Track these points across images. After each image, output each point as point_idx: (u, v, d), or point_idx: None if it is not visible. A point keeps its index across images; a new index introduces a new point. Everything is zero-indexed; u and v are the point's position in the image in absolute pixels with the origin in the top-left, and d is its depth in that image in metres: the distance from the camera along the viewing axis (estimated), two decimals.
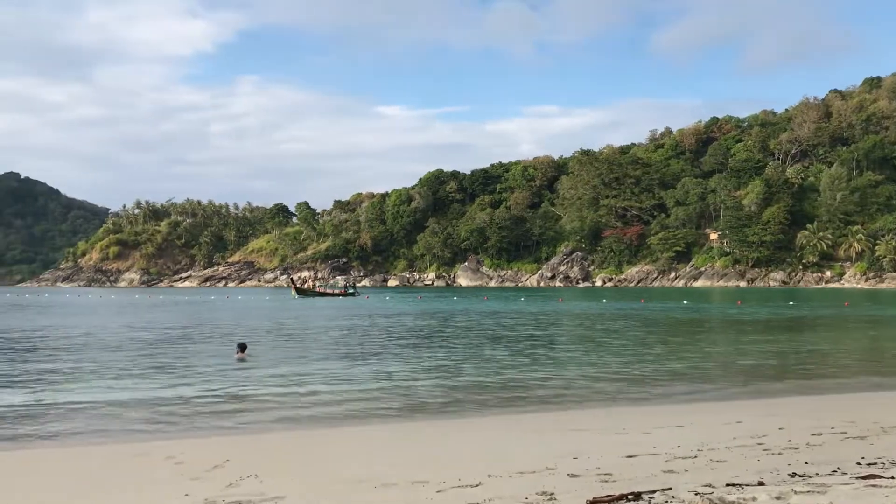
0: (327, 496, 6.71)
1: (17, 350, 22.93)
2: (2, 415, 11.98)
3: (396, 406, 12.68)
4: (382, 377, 16.23)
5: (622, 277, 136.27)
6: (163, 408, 12.80)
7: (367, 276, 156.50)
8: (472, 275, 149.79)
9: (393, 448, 9.18)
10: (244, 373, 17.34)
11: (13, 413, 12.13)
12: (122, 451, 9.60)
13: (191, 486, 7.26)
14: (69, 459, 9.00)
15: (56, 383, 15.60)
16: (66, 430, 10.98)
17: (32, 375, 16.76)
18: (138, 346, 24.48)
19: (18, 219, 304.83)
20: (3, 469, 8.43)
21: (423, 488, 6.90)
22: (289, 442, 9.98)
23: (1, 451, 9.39)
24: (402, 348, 23.22)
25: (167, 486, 7.36)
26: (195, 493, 6.96)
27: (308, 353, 21.53)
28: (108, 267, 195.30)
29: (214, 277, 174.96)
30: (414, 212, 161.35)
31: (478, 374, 16.78)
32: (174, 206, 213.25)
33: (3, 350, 22.86)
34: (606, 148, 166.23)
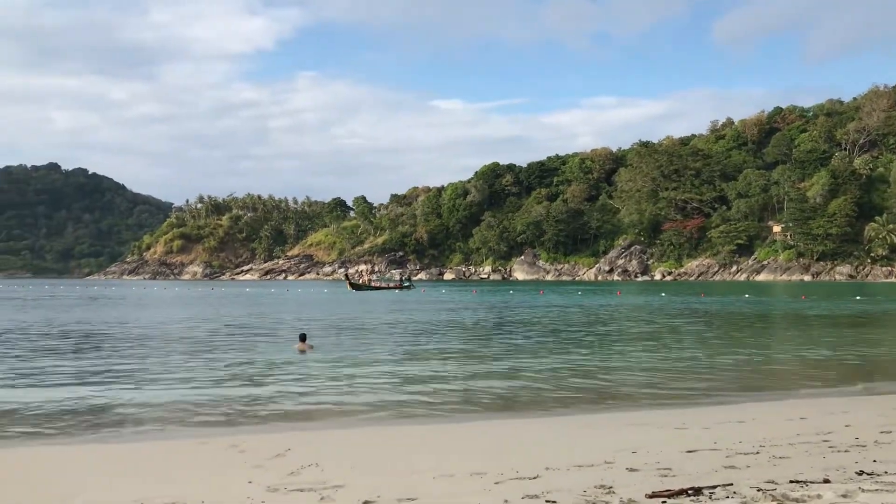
0: (386, 484, 6.80)
1: (89, 343, 23.73)
2: (74, 408, 12.39)
3: (454, 402, 12.70)
4: (440, 373, 16.28)
5: (682, 271, 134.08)
6: (225, 399, 13.10)
7: (423, 270, 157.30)
8: (528, 268, 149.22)
9: (450, 443, 9.23)
10: (305, 365, 17.63)
11: (86, 406, 12.54)
12: (185, 439, 9.88)
13: (254, 474, 7.44)
14: (135, 451, 9.28)
15: (123, 375, 16.08)
16: (131, 421, 11.32)
17: (102, 367, 17.32)
18: (202, 338, 25.08)
19: (87, 213, 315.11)
20: (81, 461, 8.74)
21: (481, 479, 6.94)
22: (348, 435, 10.12)
23: (76, 444, 9.71)
24: (460, 343, 23.30)
25: (231, 472, 7.55)
26: (258, 480, 7.14)
27: (366, 347, 21.76)
28: (172, 260, 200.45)
29: (274, 270, 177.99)
30: (470, 205, 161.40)
31: (535, 370, 16.72)
32: (235, 201, 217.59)
33: (74, 343, 23.69)
34: (666, 139, 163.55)
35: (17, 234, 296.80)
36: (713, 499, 5.89)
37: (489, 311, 41.26)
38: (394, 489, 6.64)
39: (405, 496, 6.39)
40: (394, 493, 6.48)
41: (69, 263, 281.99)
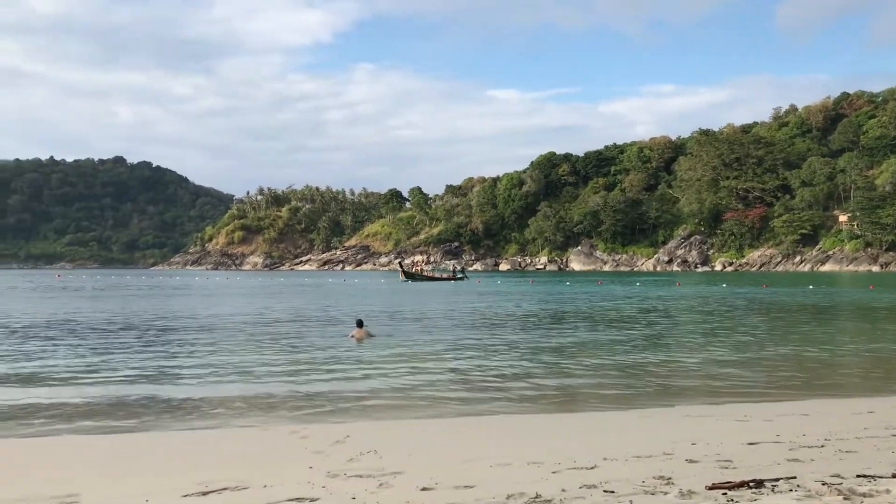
0: (444, 472, 6.86)
1: (156, 332, 24.41)
2: (140, 398, 12.77)
3: (511, 394, 12.69)
4: (497, 364, 16.29)
5: (743, 261, 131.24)
6: (285, 387, 13.35)
7: (478, 261, 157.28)
8: (585, 259, 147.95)
9: (507, 433, 9.25)
10: (362, 355, 17.84)
11: (151, 396, 12.92)
12: (247, 426, 10.11)
13: (314, 459, 7.58)
14: (198, 438, 9.52)
15: (187, 364, 16.50)
16: (194, 409, 11.60)
17: (166, 357, 17.81)
18: (262, 327, 25.56)
19: (151, 205, 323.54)
20: (145, 447, 9.01)
21: (538, 469, 6.95)
22: (405, 424, 10.22)
23: (142, 431, 10.01)
24: (516, 334, 23.26)
25: (292, 458, 7.71)
26: (318, 466, 7.27)
27: (423, 337, 21.89)
28: (233, 251, 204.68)
29: (332, 261, 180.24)
30: (525, 195, 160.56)
31: (593, 362, 16.61)
32: (294, 193, 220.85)
33: (142, 332, 24.39)
34: (727, 127, 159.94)
35: (86, 225, 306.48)
36: (775, 491, 5.78)
37: (546, 302, 41.07)
38: (451, 477, 6.69)
39: (462, 483, 6.44)
40: (451, 481, 6.53)
41: (135, 254, 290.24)
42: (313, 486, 6.50)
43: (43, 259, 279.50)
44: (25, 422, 10.35)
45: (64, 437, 9.43)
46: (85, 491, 6.44)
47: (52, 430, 9.83)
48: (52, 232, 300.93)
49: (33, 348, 18.73)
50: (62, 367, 15.35)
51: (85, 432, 9.73)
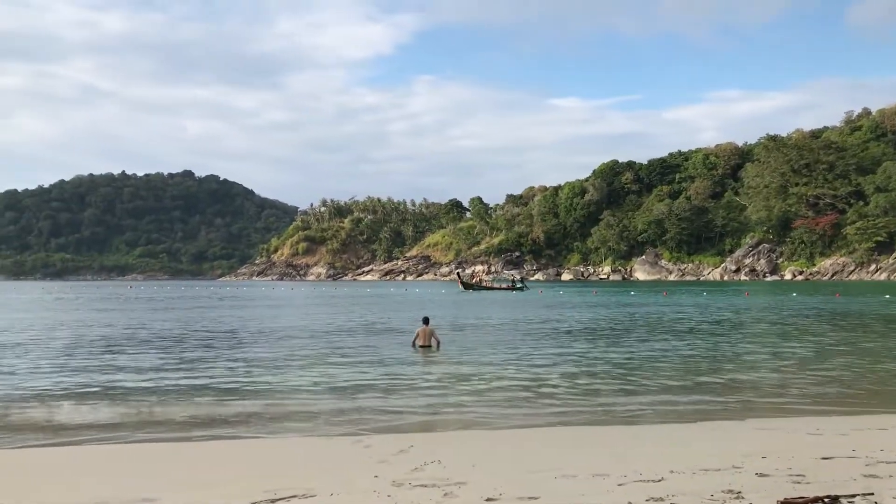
0: (508, 483, 6.85)
1: (224, 341, 24.97)
2: (207, 405, 13.08)
3: (575, 406, 12.58)
4: (561, 375, 16.18)
5: (814, 270, 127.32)
6: (349, 396, 13.52)
7: (539, 270, 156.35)
8: (649, 268, 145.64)
9: (572, 445, 9.17)
10: (426, 364, 17.93)
11: (217, 404, 13.23)
12: (313, 435, 10.27)
13: (379, 469, 7.66)
14: (265, 446, 9.72)
15: (255, 373, 16.83)
16: (261, 418, 11.83)
17: (234, 365, 18.20)
18: (328, 336, 25.89)
19: (218, 218, 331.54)
20: (212, 456, 9.24)
21: (604, 481, 6.89)
22: (469, 435, 10.24)
23: (208, 440, 10.26)
24: (581, 346, 23.06)
25: (357, 467, 7.80)
26: (383, 475, 7.35)
27: (487, 347, 21.87)
28: (297, 262, 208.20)
29: (394, 271, 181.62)
30: (588, 204, 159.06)
31: (659, 372, 16.37)
32: (356, 204, 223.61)
33: (212, 341, 25.00)
34: (796, 132, 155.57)
35: (156, 238, 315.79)
36: None
37: (609, 312, 40.59)
38: (515, 488, 6.68)
39: (527, 495, 6.43)
40: (516, 492, 6.53)
41: (203, 265, 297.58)
42: (379, 495, 6.58)
43: (115, 271, 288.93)
44: (107, 428, 10.73)
45: (142, 444, 9.75)
46: (161, 496, 6.65)
47: (131, 436, 10.17)
48: (124, 244, 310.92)
49: (112, 358, 19.38)
50: (137, 376, 15.85)
51: (160, 440, 10.04)
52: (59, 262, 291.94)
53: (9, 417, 11.61)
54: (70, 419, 11.44)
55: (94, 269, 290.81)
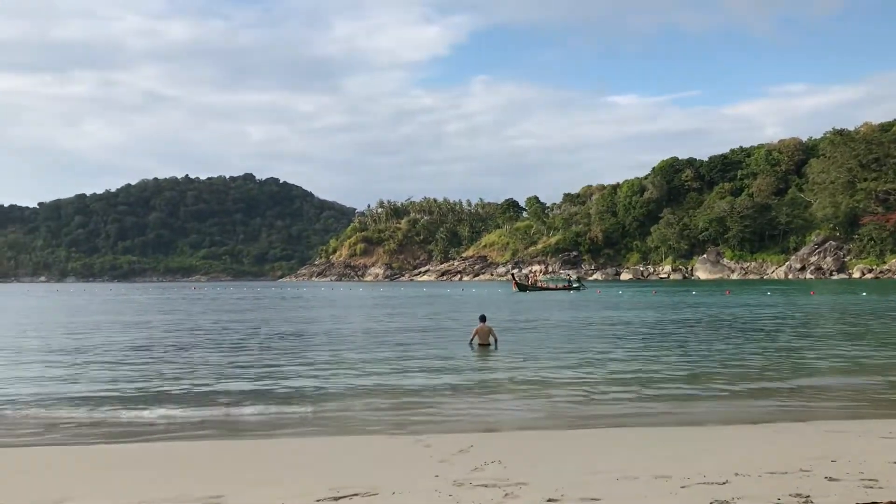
0: (569, 484, 6.83)
1: (284, 341, 25.41)
2: (270, 404, 13.34)
3: (636, 408, 12.45)
4: (621, 376, 16.02)
5: (885, 268, 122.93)
6: (408, 394, 13.63)
7: (598, 270, 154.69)
8: (711, 267, 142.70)
9: (633, 447, 9.05)
10: (484, 363, 17.95)
11: (281, 402, 13.48)
12: (373, 433, 10.38)
13: (440, 468, 7.71)
14: (326, 444, 9.85)
15: (316, 372, 17.09)
16: (321, 416, 12.02)
17: (300, 364, 18.50)
18: (388, 335, 26.12)
19: (279, 220, 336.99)
20: (277, 454, 9.41)
21: (666, 482, 6.81)
22: (529, 435, 10.22)
23: (272, 438, 10.46)
24: (638, 345, 22.78)
25: (418, 466, 7.87)
26: (444, 475, 7.40)
27: (541, 347, 21.78)
28: (355, 263, 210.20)
29: (450, 271, 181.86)
30: (647, 202, 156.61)
31: (722, 372, 16.08)
32: (413, 205, 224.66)
33: (274, 340, 25.46)
34: (864, 126, 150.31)
35: (219, 240, 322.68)
36: None
37: (670, 312, 39.97)
38: (577, 489, 6.66)
39: (588, 496, 6.40)
40: (577, 493, 6.51)
41: (264, 266, 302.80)
42: (440, 494, 6.63)
43: (180, 272, 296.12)
44: (173, 427, 11.05)
45: (208, 441, 10.01)
46: (229, 493, 6.82)
47: (199, 434, 10.45)
48: (188, 246, 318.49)
49: (179, 357, 19.92)
50: (203, 375, 16.25)
51: (227, 437, 10.29)
52: (126, 264, 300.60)
53: (90, 415, 12.05)
54: (139, 417, 11.80)
55: (159, 270, 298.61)
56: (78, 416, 11.98)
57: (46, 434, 10.64)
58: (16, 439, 10.28)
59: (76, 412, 12.26)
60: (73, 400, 13.36)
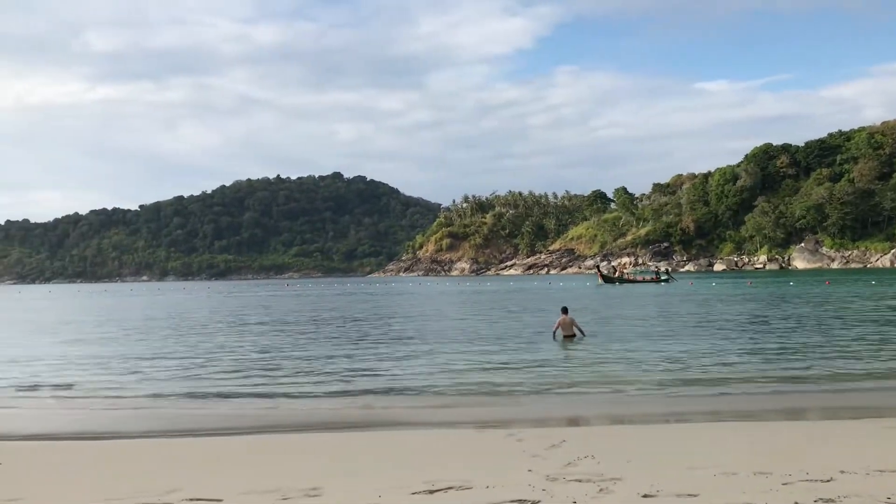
0: (665, 479, 6.73)
1: (375, 335, 25.84)
2: (359, 396, 13.61)
3: (732, 403, 12.13)
4: (716, 370, 15.63)
5: None
6: (497, 388, 13.68)
7: (690, 261, 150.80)
8: (809, 256, 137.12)
9: (731, 442, 8.84)
10: (572, 357, 17.82)
11: (373, 395, 13.75)
12: (464, 427, 10.47)
13: (532, 462, 7.71)
14: (419, 438, 9.99)
15: (408, 365, 17.29)
16: (415, 409, 12.19)
17: (392, 358, 18.80)
18: (474, 329, 26.22)
19: (366, 217, 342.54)
20: (369, 447, 9.60)
21: (767, 479, 6.62)
22: (622, 430, 10.13)
23: (361, 431, 10.67)
24: (734, 338, 22.15)
25: (511, 461, 7.89)
26: (537, 469, 7.39)
27: (631, 340, 21.42)
28: (441, 258, 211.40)
29: (537, 265, 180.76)
30: (740, 191, 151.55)
31: (824, 366, 15.48)
32: (498, 199, 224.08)
33: (365, 334, 25.93)
34: None
35: (309, 238, 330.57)
36: None
37: (767, 303, 38.67)
38: (673, 484, 6.55)
39: (685, 492, 6.29)
40: (673, 488, 6.41)
41: (353, 263, 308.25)
42: (534, 488, 6.64)
43: (273, 270, 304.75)
44: (270, 419, 11.42)
45: (305, 434, 10.30)
46: (326, 485, 7.02)
47: (293, 427, 10.78)
48: (281, 244, 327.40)
49: (277, 349, 20.56)
50: (297, 368, 16.72)
51: (324, 430, 10.58)
52: (223, 263, 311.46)
53: (176, 412, 12.60)
54: (239, 411, 12.25)
55: (253, 268, 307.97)
56: (185, 408, 12.54)
57: (161, 425, 11.16)
58: (135, 430, 10.83)
59: (183, 404, 12.84)
60: (181, 395, 13.99)
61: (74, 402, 13.69)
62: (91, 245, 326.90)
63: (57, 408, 13.20)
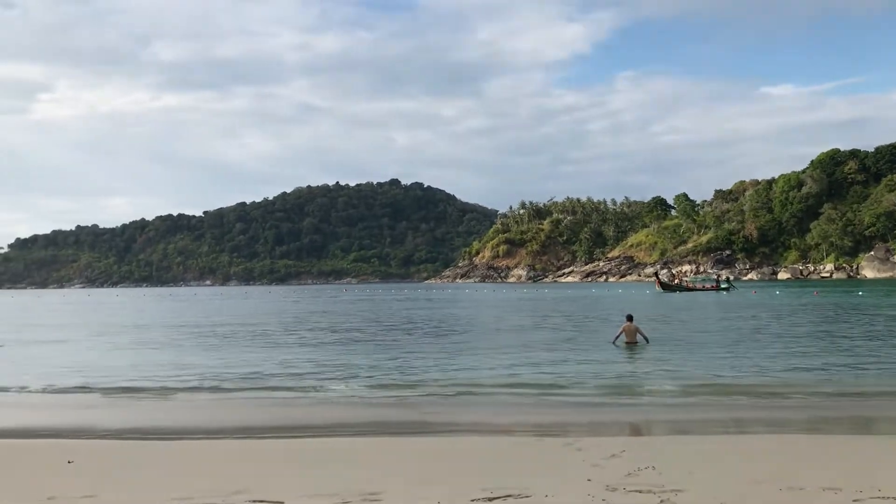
0: (729, 492, 6.61)
1: (434, 340, 25.95)
2: (416, 402, 13.69)
3: (801, 414, 11.80)
4: (782, 381, 15.25)
5: None
6: (557, 396, 13.60)
7: (753, 269, 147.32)
8: (879, 265, 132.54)
9: (797, 456, 8.60)
10: (633, 364, 17.61)
11: (432, 402, 13.81)
12: (522, 435, 10.44)
13: (592, 472, 7.65)
14: (475, 444, 10.00)
15: (467, 371, 17.36)
16: (480, 416, 12.21)
17: (453, 363, 18.87)
18: (534, 335, 26.10)
19: (423, 223, 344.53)
20: (442, 451, 9.66)
21: (836, 495, 6.45)
22: (684, 440, 9.97)
23: (414, 437, 10.72)
24: (802, 347, 21.55)
25: (570, 469, 7.84)
26: (596, 479, 7.34)
27: (696, 350, 21.04)
28: (498, 264, 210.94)
29: (595, 272, 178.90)
30: (806, 197, 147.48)
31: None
32: (555, 205, 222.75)
33: (425, 339, 26.06)
34: None
35: (367, 244, 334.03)
36: None
37: (832, 313, 37.52)
38: (737, 498, 6.44)
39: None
40: (736, 502, 6.29)
41: (410, 269, 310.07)
42: (593, 498, 6.59)
43: (332, 275, 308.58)
44: (331, 425, 11.57)
45: (368, 438, 10.42)
46: (386, 489, 7.09)
47: (354, 430, 10.91)
48: (339, 250, 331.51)
49: (342, 354, 20.83)
50: (356, 371, 16.91)
51: (383, 434, 10.68)
52: (283, 268, 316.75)
53: (243, 414, 12.86)
54: (300, 414, 12.45)
55: (313, 273, 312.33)
56: (251, 409, 12.81)
57: (228, 425, 11.43)
58: (203, 429, 11.11)
59: (249, 406, 13.12)
60: (247, 398, 14.30)
61: (146, 402, 14.11)
62: (157, 250, 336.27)
63: (129, 407, 13.61)
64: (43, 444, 10.17)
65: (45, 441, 10.42)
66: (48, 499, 6.82)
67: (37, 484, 7.41)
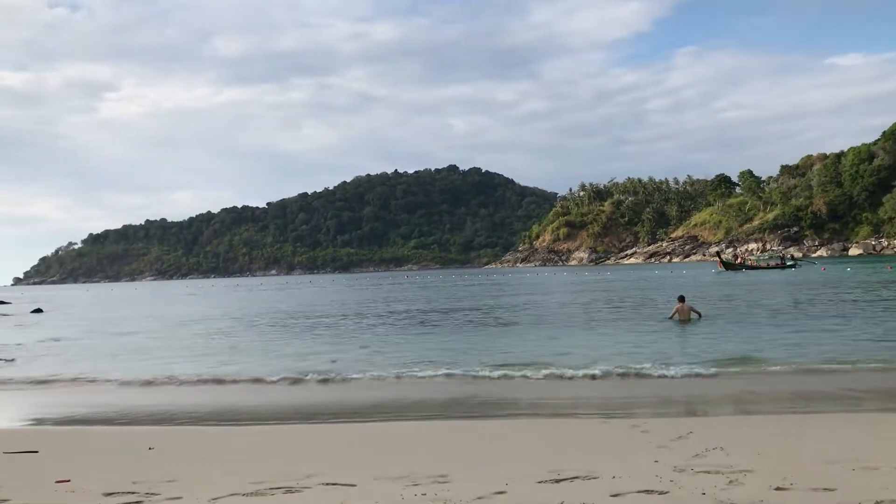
0: (799, 472, 6.55)
1: (497, 324, 26.05)
2: (493, 386, 13.83)
3: (869, 393, 11.54)
4: (850, 359, 14.87)
5: None
6: (620, 378, 13.57)
7: (822, 246, 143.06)
8: None
9: (871, 436, 8.42)
10: (692, 346, 17.41)
11: (499, 384, 13.94)
12: (589, 417, 10.48)
13: (658, 453, 7.66)
14: (544, 426, 10.08)
15: (530, 353, 17.40)
16: (539, 398, 12.29)
17: (517, 346, 18.96)
18: (598, 317, 25.98)
19: (482, 208, 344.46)
20: (507, 434, 9.77)
21: None
22: (751, 421, 9.86)
23: (488, 419, 10.85)
24: (875, 326, 20.94)
25: (636, 451, 7.87)
26: (664, 460, 7.35)
27: (758, 327, 20.66)
28: (559, 247, 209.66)
29: (658, 253, 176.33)
30: (877, 170, 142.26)
31: None
32: (616, 186, 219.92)
33: (489, 324, 26.19)
34: None
35: (427, 230, 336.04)
36: None
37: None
38: (807, 478, 6.38)
39: (821, 486, 6.12)
40: (807, 482, 6.24)
41: (470, 254, 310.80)
42: (661, 479, 6.61)
43: (393, 262, 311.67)
44: (398, 407, 11.80)
45: (435, 421, 10.62)
46: (454, 471, 7.24)
47: (421, 413, 11.13)
48: (399, 237, 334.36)
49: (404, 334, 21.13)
50: (422, 355, 17.13)
51: (454, 417, 10.87)
52: (345, 256, 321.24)
53: (313, 399, 13.19)
54: (368, 398, 12.72)
55: (374, 261, 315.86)
56: (321, 394, 13.16)
57: (300, 410, 11.77)
58: (275, 415, 11.47)
59: (318, 390, 13.47)
60: (318, 381, 14.66)
61: (219, 388, 14.60)
62: (223, 242, 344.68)
63: (203, 394, 14.09)
64: (126, 431, 10.65)
65: (128, 428, 10.92)
66: (133, 483, 7.16)
67: (121, 469, 7.78)
